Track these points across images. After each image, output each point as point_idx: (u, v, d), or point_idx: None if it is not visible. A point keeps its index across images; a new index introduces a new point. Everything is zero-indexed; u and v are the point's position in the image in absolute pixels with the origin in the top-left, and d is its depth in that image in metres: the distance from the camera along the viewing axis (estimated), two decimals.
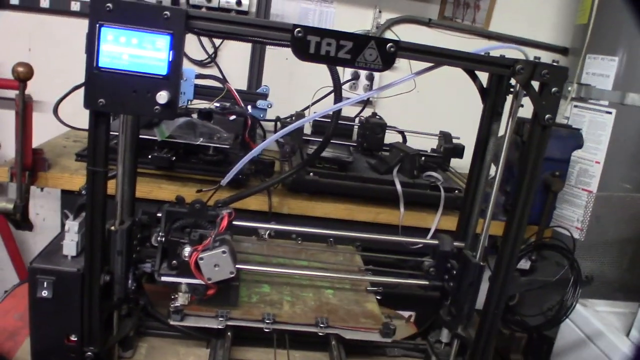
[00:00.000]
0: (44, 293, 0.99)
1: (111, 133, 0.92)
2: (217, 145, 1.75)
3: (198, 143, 1.74)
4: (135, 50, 0.83)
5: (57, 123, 1.79)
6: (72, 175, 1.73)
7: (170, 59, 0.84)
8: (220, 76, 2.28)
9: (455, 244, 1.25)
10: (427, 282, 1.26)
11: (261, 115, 1.95)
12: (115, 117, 1.22)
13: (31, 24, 2.30)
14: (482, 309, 1.14)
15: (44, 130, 1.92)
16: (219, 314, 1.17)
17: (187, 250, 1.10)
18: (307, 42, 0.83)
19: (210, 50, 2.40)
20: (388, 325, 1.22)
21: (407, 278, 1.30)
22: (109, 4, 0.79)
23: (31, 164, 1.74)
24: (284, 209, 1.76)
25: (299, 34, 0.84)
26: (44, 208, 2.46)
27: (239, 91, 1.92)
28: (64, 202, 1.83)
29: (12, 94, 1.94)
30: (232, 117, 1.84)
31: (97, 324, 1.01)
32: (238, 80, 2.35)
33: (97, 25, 0.80)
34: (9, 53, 2.20)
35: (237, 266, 1.14)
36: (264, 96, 1.97)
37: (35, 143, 1.78)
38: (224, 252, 1.10)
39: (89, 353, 1.02)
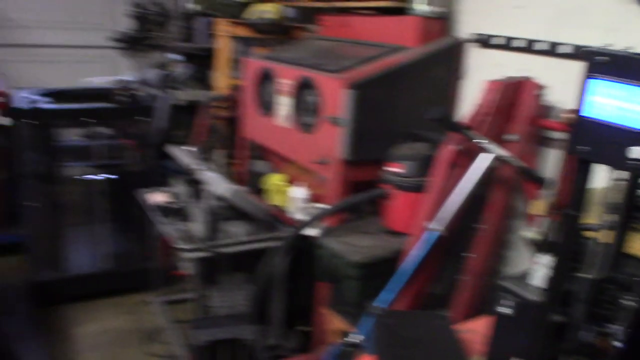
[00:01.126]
0: (506, 310, 1.12)
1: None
2: None
3: None
4: (622, 103, 0.82)
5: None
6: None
7: None
8: None
9: None
10: None
11: None
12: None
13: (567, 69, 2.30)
14: None
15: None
16: None
17: None
18: None
19: None
20: None
21: None
22: (603, 57, 0.82)
23: (564, 205, 1.85)
24: None
25: None
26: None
27: None
28: None
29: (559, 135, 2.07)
30: None
31: (538, 355, 1.06)
32: None
33: (589, 77, 0.84)
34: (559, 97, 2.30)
35: None
36: None
37: None
38: None
39: None
